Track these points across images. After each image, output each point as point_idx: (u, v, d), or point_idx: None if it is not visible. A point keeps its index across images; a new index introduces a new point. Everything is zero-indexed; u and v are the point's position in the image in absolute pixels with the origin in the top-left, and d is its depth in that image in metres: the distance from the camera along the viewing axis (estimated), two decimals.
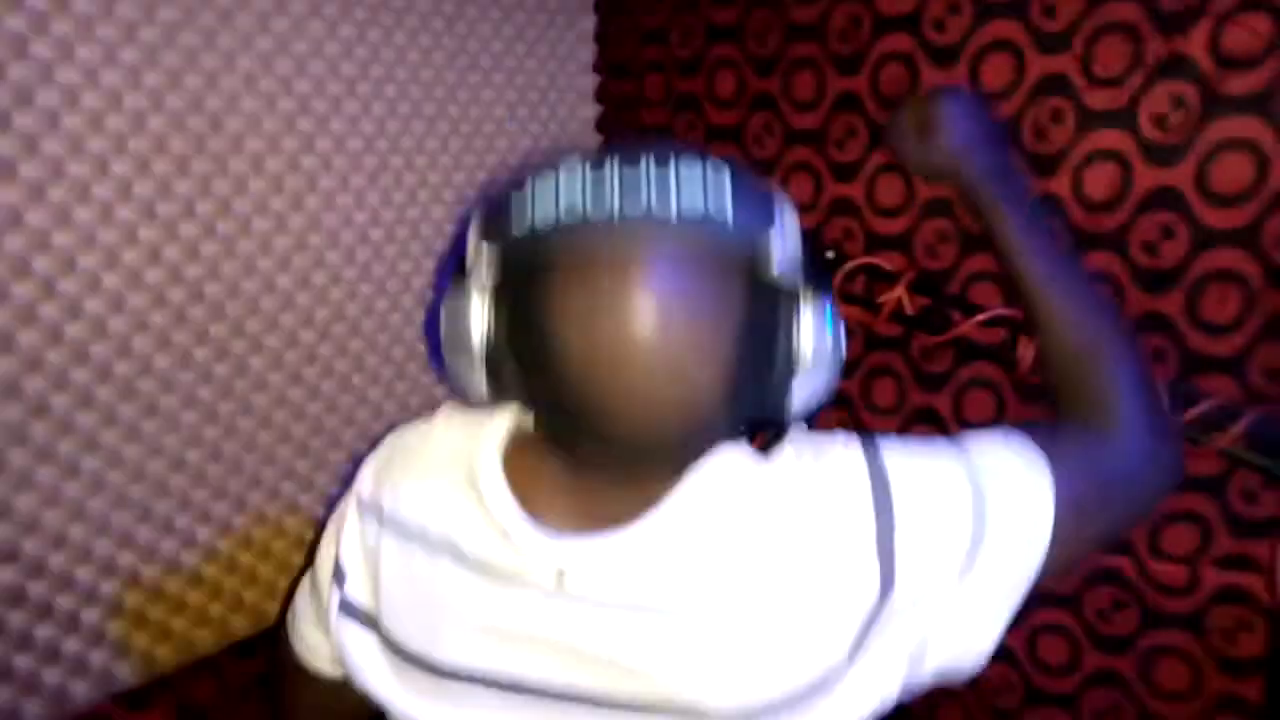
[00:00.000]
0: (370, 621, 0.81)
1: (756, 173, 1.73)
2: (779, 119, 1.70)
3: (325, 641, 0.87)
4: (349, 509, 0.84)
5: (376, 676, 0.80)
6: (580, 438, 0.71)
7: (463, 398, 0.74)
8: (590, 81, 1.91)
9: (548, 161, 0.68)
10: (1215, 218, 1.29)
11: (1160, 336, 1.36)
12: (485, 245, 0.68)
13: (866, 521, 0.69)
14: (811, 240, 1.66)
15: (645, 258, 0.63)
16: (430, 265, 1.68)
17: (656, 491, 0.70)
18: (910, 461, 0.73)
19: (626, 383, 0.64)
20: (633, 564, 0.70)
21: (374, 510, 0.81)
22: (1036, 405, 1.48)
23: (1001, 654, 0.81)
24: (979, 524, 0.71)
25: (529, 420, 0.78)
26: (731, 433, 0.74)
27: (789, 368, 0.70)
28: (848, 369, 1.68)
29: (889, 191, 1.58)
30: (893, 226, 1.59)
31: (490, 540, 0.72)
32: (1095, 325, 0.85)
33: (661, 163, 0.64)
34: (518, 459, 0.75)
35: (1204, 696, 1.44)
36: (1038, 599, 1.52)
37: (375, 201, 1.58)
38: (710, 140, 1.79)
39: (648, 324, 0.62)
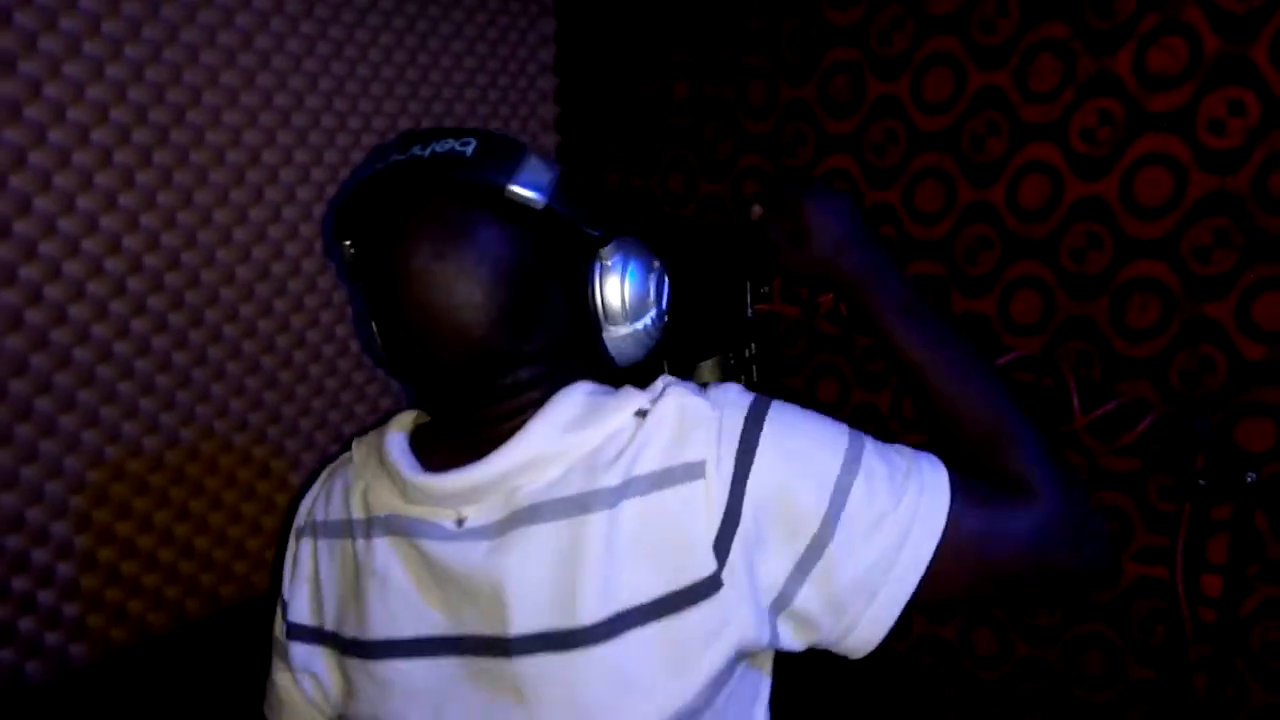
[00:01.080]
0: (315, 635, 0.85)
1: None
2: (732, 126, 1.75)
3: (292, 683, 0.89)
4: (289, 543, 0.90)
5: (326, 681, 0.85)
6: (419, 381, 0.79)
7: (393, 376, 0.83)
8: (550, 82, 1.95)
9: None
10: (1138, 229, 1.36)
11: (1086, 341, 1.43)
12: (342, 243, 0.81)
13: (727, 448, 0.71)
14: (758, 236, 1.72)
15: (409, 195, 0.74)
16: None
17: (515, 425, 0.76)
18: (795, 419, 0.75)
19: (407, 307, 0.74)
20: (502, 487, 0.75)
21: (308, 530, 0.87)
22: None
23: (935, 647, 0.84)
24: (840, 496, 0.70)
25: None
26: (550, 370, 0.79)
27: (586, 310, 0.78)
28: (795, 365, 1.75)
29: None
30: None
31: (395, 499, 0.79)
32: (991, 404, 0.80)
33: (432, 137, 0.75)
34: (422, 433, 0.83)
35: (1123, 684, 1.51)
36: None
37: (335, 195, 1.61)
38: (669, 145, 1.84)
39: (411, 250, 0.73)
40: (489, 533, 0.74)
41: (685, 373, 1.09)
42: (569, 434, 0.74)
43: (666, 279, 0.84)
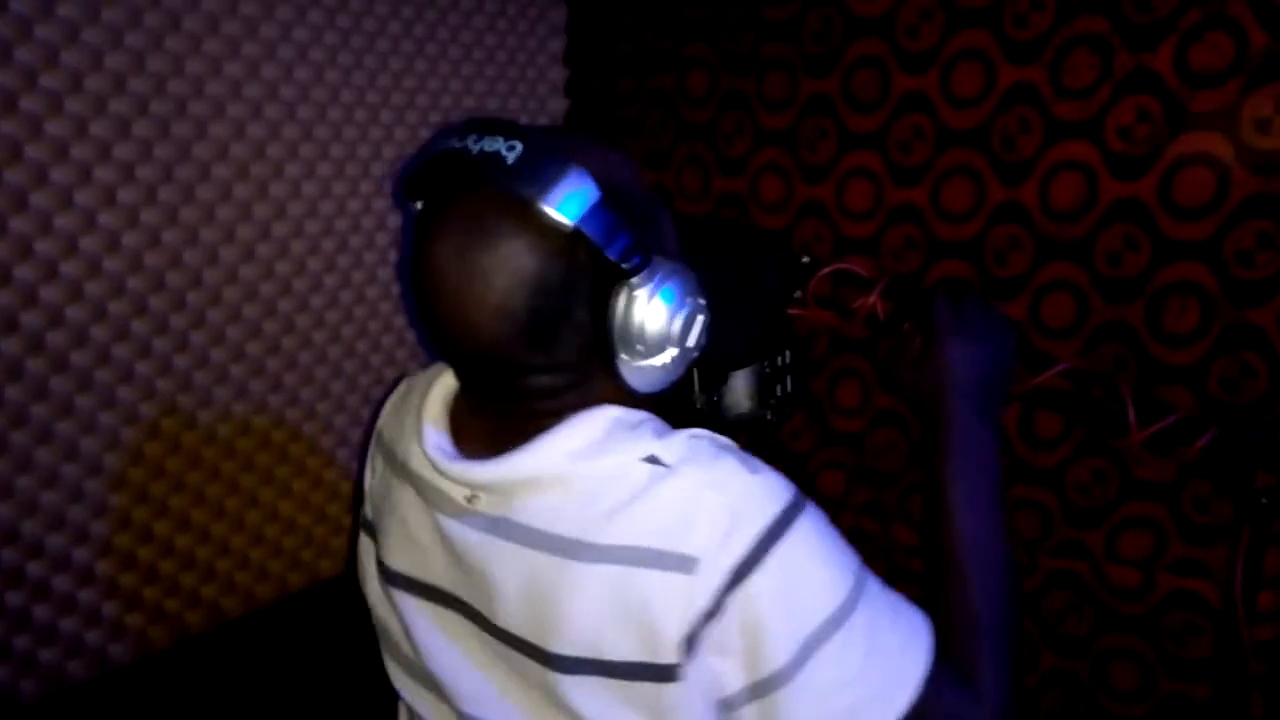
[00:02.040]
0: (371, 531, 0.93)
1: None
2: (750, 119, 1.70)
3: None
4: (372, 440, 0.97)
5: (370, 582, 0.93)
6: (440, 350, 0.79)
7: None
8: (560, 74, 1.90)
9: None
10: (1177, 230, 1.32)
11: (1121, 346, 1.39)
12: (408, 203, 0.81)
13: (728, 558, 0.69)
14: (787, 244, 1.68)
15: (451, 190, 0.74)
16: (395, 255, 1.65)
17: (534, 430, 0.76)
18: (808, 550, 0.72)
19: (431, 299, 0.74)
20: (503, 491, 0.76)
21: (377, 439, 0.95)
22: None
23: None
24: (810, 649, 0.69)
25: None
26: (570, 384, 0.78)
27: (605, 335, 0.75)
28: (814, 369, 1.71)
29: (859, 196, 1.59)
30: (861, 230, 1.60)
31: (424, 464, 0.82)
32: (987, 587, 0.81)
33: (487, 130, 0.73)
34: (460, 406, 0.85)
35: (1155, 698, 1.47)
36: None
37: (342, 191, 1.55)
38: (681, 138, 1.79)
39: (438, 244, 0.73)
40: (486, 525, 0.78)
41: (719, 381, 1.04)
42: (574, 462, 0.74)
43: (701, 318, 0.80)
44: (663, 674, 0.70)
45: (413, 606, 0.85)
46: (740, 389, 1.02)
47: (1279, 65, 1.21)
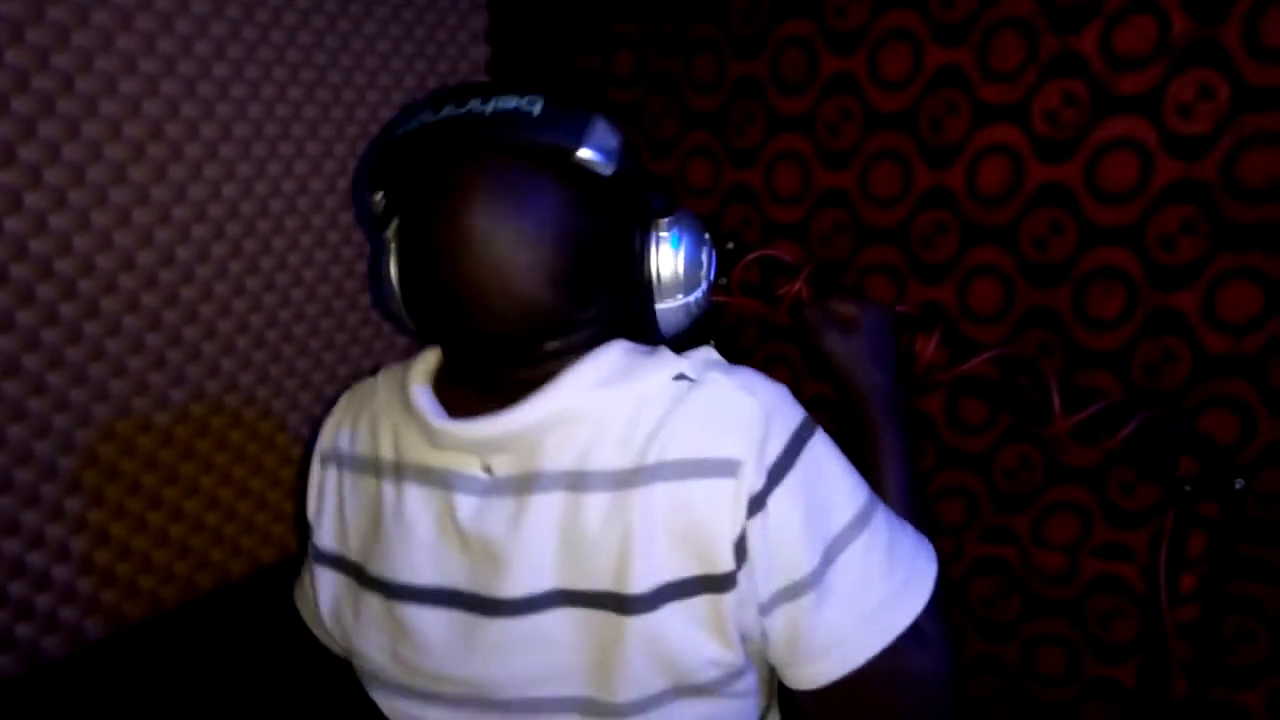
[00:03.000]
0: (338, 562, 0.85)
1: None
2: (678, 101, 1.65)
3: (315, 603, 0.91)
4: (313, 465, 0.89)
5: (340, 615, 0.85)
6: (454, 346, 0.77)
7: (405, 332, 0.81)
8: (483, 53, 1.83)
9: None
10: (1102, 215, 1.32)
11: (1047, 331, 1.38)
12: (374, 196, 0.76)
13: (766, 458, 0.69)
14: (716, 227, 1.65)
15: (467, 153, 0.69)
16: (319, 223, 1.58)
17: (547, 377, 0.75)
18: (830, 456, 0.74)
19: (456, 269, 0.70)
20: (528, 440, 0.73)
21: (332, 456, 0.86)
22: (923, 396, 1.50)
23: None
24: (835, 552, 0.71)
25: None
26: (600, 334, 0.77)
27: (639, 280, 0.76)
28: (745, 355, 1.68)
29: (787, 180, 1.56)
30: (789, 215, 1.57)
31: (425, 447, 0.77)
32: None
33: (491, 90, 0.71)
34: (444, 381, 0.81)
35: (1081, 681, 1.48)
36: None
37: (248, 173, 1.48)
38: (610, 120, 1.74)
39: (467, 211, 0.68)
40: (513, 487, 0.73)
41: None
42: (601, 390, 0.72)
43: (715, 252, 0.83)
44: (720, 584, 0.69)
45: (430, 617, 0.78)
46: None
47: (1201, 51, 1.21)
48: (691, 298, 0.79)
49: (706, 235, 0.81)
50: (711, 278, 0.82)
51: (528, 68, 1.82)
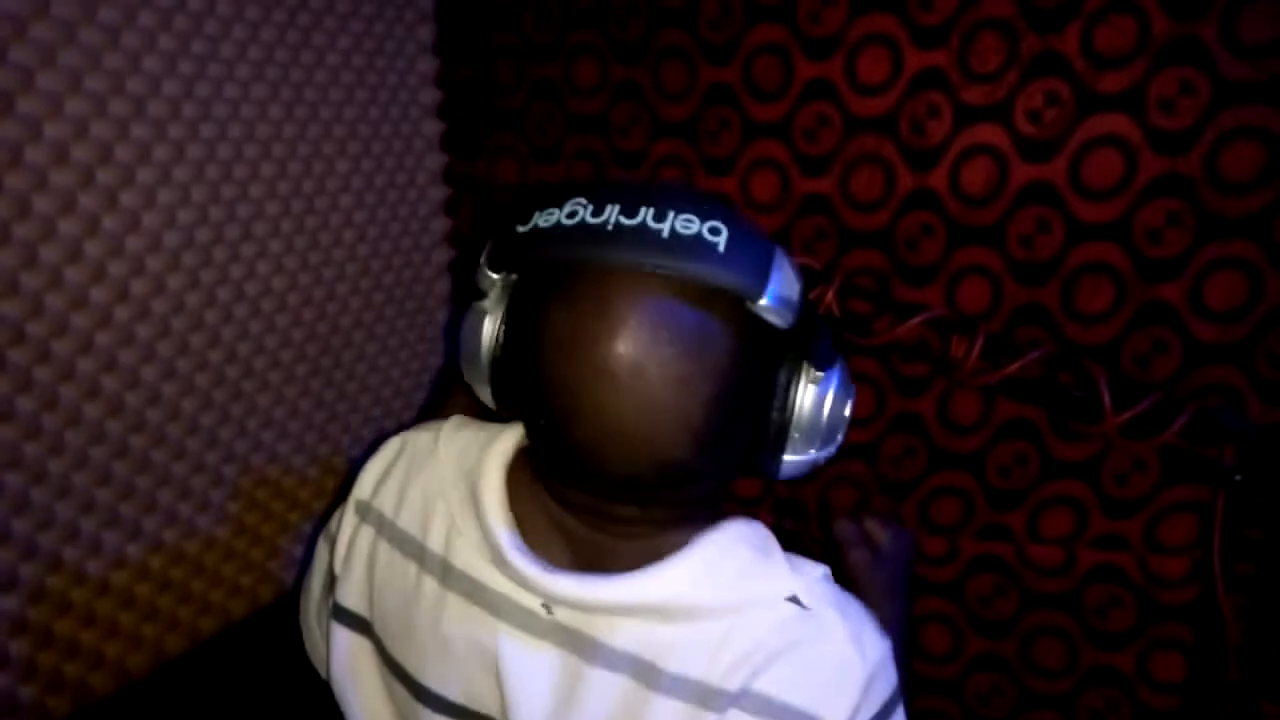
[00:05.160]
0: (364, 627, 0.79)
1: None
2: (647, 110, 1.61)
3: (321, 642, 0.86)
4: (347, 511, 0.81)
5: (365, 684, 0.79)
6: (561, 466, 0.69)
7: (480, 403, 0.76)
8: (431, 64, 1.75)
9: (551, 197, 0.65)
10: (1088, 211, 1.34)
11: (1037, 327, 1.40)
12: (490, 273, 0.69)
13: (864, 716, 0.65)
14: None
15: (631, 274, 0.61)
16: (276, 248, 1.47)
17: (652, 550, 0.68)
18: None
19: (597, 403, 0.61)
20: (624, 614, 0.67)
21: (372, 517, 0.79)
22: (916, 399, 1.50)
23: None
24: None
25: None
26: (715, 488, 0.72)
27: (780, 430, 0.68)
28: None
29: (765, 187, 1.54)
30: (770, 223, 1.55)
31: (483, 563, 0.71)
32: None
33: (665, 203, 0.62)
34: (519, 484, 0.73)
35: (1080, 671, 1.50)
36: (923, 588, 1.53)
37: (185, 177, 1.36)
38: (571, 131, 1.69)
39: (624, 343, 0.59)
40: (572, 641, 0.67)
41: None
42: (714, 591, 0.66)
43: (855, 401, 0.74)
44: None
45: None
46: None
47: (1181, 48, 1.24)
48: (823, 454, 0.71)
49: (853, 387, 0.73)
50: (847, 431, 0.74)
51: (478, 80, 1.75)
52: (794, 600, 0.66)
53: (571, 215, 0.62)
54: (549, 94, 1.69)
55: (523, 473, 0.73)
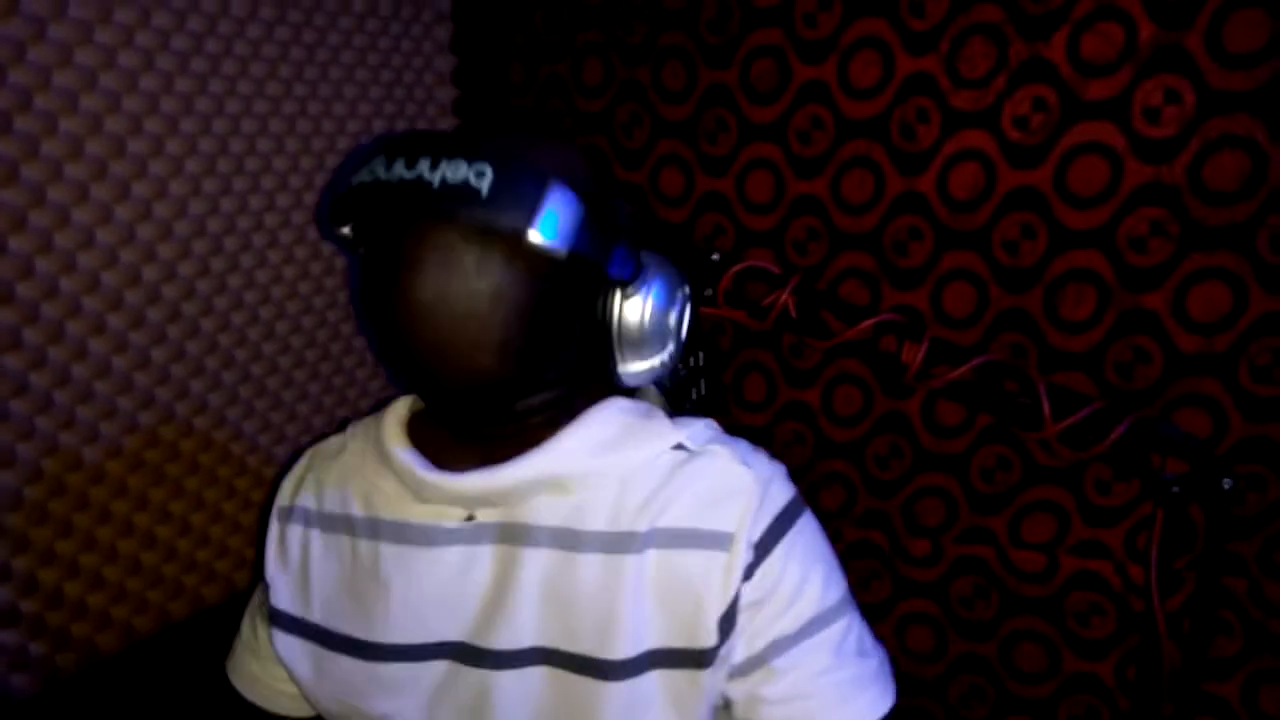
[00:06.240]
0: (297, 625, 0.83)
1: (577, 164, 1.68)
2: (648, 110, 1.65)
3: (261, 670, 0.91)
4: (271, 522, 0.87)
5: (306, 676, 0.83)
6: (419, 389, 0.76)
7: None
8: (448, 62, 1.81)
9: (367, 152, 0.73)
10: (1073, 219, 1.34)
11: (1020, 334, 1.40)
12: (335, 227, 0.75)
13: (755, 530, 0.71)
14: (689, 239, 1.65)
15: (414, 224, 0.68)
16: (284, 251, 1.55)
17: (540, 435, 0.74)
18: (818, 537, 0.77)
19: (411, 336, 0.69)
20: (523, 495, 0.73)
21: (297, 514, 0.84)
22: (906, 399, 1.51)
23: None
24: (817, 628, 0.72)
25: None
26: (566, 391, 0.77)
27: (602, 342, 0.75)
28: (722, 363, 1.68)
29: (760, 188, 1.57)
30: (763, 223, 1.58)
31: (404, 500, 0.77)
32: None
33: (440, 152, 0.68)
34: (418, 428, 0.80)
35: (1060, 677, 1.50)
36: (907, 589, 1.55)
37: (214, 189, 1.44)
38: (578, 129, 1.73)
39: (413, 284, 0.67)
40: (500, 535, 0.74)
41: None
42: (599, 454, 0.73)
43: (689, 306, 0.80)
44: (699, 659, 0.70)
45: (411, 673, 0.77)
46: (654, 395, 0.98)
47: (1167, 57, 1.23)
48: (657, 359, 0.78)
49: (683, 292, 0.79)
50: (684, 338, 0.80)
51: (493, 78, 1.80)
52: (680, 447, 0.74)
53: (370, 172, 0.68)
54: (559, 92, 1.73)
55: (419, 419, 0.81)
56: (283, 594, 0.84)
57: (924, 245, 1.45)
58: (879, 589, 1.60)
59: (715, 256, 1.16)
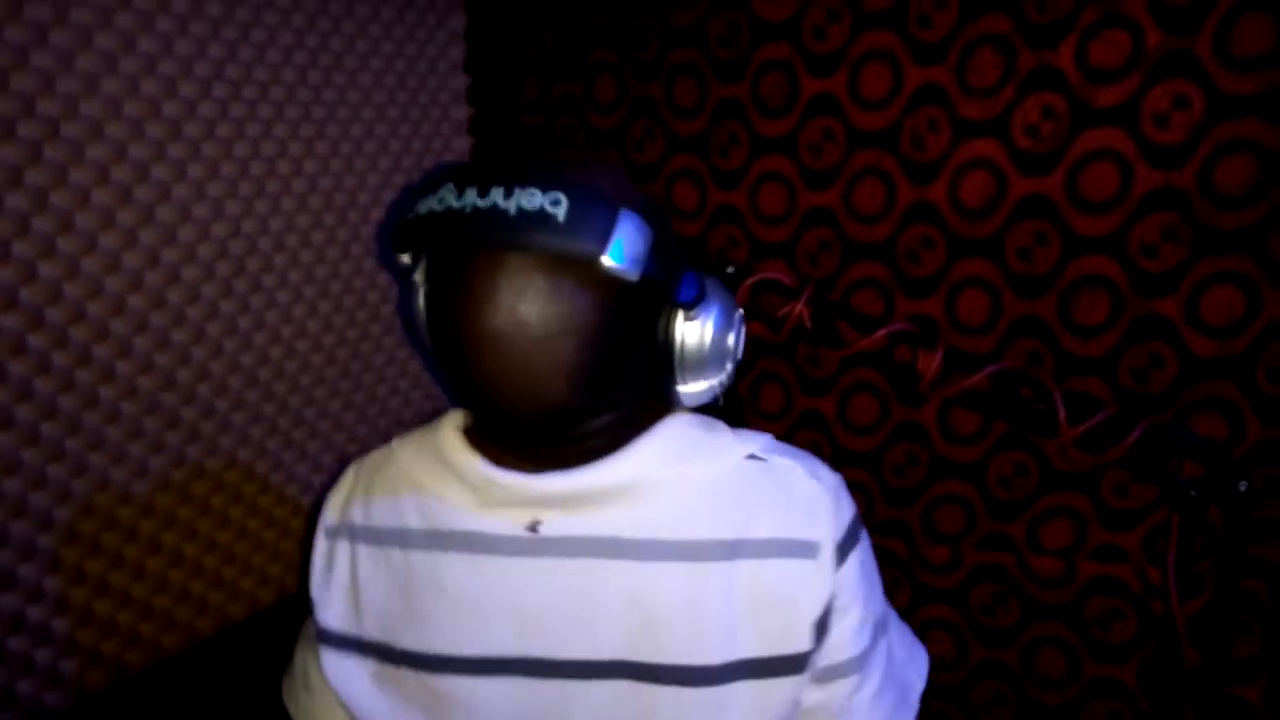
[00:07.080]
0: (347, 643, 0.83)
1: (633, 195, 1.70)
2: (660, 125, 1.67)
3: (311, 701, 0.88)
4: (318, 539, 0.86)
5: (361, 695, 0.82)
6: (487, 414, 0.75)
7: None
8: (462, 82, 1.84)
9: (433, 182, 0.73)
10: (1085, 225, 1.35)
11: (1035, 340, 1.41)
12: (397, 253, 0.76)
13: (836, 538, 0.75)
14: (703, 252, 1.66)
15: (489, 252, 0.68)
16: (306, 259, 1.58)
17: (607, 448, 0.75)
18: (872, 553, 0.81)
19: (481, 364, 0.69)
20: (594, 502, 0.74)
21: (344, 531, 0.84)
22: (921, 407, 1.52)
23: None
24: (886, 622, 0.81)
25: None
26: (629, 412, 0.78)
27: (664, 365, 0.76)
28: (738, 373, 1.69)
29: (772, 200, 1.58)
30: (776, 235, 1.59)
31: (467, 502, 0.76)
32: None
33: (514, 180, 0.69)
34: (478, 440, 0.80)
35: (1082, 682, 1.50)
36: (927, 595, 1.55)
37: (236, 211, 1.47)
38: (591, 145, 1.75)
39: (486, 313, 0.68)
40: (568, 549, 0.73)
41: None
42: (675, 465, 0.74)
43: (744, 328, 0.82)
44: (794, 664, 0.73)
45: (483, 688, 0.77)
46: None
47: (1175, 62, 1.24)
48: (715, 380, 0.79)
49: (739, 314, 0.81)
50: (739, 358, 0.81)
51: (506, 96, 1.83)
52: (754, 457, 0.76)
53: (441, 201, 0.69)
54: (571, 109, 1.76)
55: (474, 433, 0.81)
56: (331, 612, 0.83)
57: (936, 254, 1.46)
58: (899, 597, 1.60)
59: (730, 270, 1.17)
